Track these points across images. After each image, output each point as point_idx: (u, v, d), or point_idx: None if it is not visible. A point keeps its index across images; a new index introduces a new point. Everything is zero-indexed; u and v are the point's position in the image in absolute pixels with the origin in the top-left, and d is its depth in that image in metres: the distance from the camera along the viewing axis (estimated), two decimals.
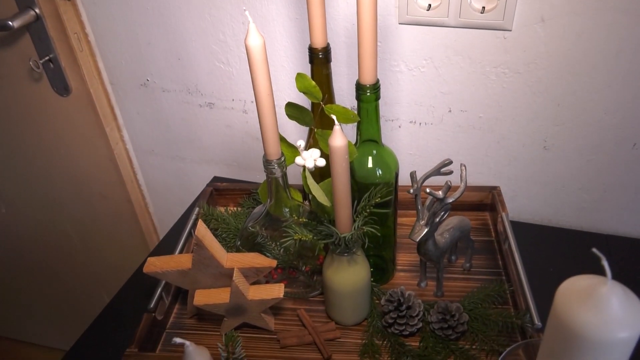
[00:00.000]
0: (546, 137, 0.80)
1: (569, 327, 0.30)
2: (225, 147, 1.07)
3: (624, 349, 0.30)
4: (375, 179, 0.67)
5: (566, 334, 0.31)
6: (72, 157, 1.11)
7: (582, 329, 0.29)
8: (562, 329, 0.31)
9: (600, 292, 0.30)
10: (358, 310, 0.71)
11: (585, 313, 0.29)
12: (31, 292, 1.56)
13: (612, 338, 0.29)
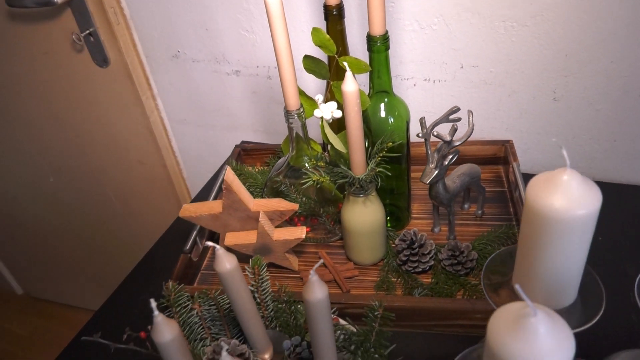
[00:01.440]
0: (555, 89, 0.83)
1: (539, 213, 0.34)
2: (251, 113, 1.14)
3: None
4: (387, 126, 0.73)
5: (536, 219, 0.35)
6: (112, 126, 1.19)
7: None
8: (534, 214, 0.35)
9: None
10: (374, 251, 0.77)
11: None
12: (75, 257, 1.68)
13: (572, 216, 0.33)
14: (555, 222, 0.34)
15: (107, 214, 1.43)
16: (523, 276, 0.39)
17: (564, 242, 0.35)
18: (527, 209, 0.36)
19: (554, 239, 0.35)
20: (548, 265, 0.36)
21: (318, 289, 0.42)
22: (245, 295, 0.49)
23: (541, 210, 0.34)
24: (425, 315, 0.67)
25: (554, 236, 0.35)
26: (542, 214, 0.35)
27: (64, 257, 1.71)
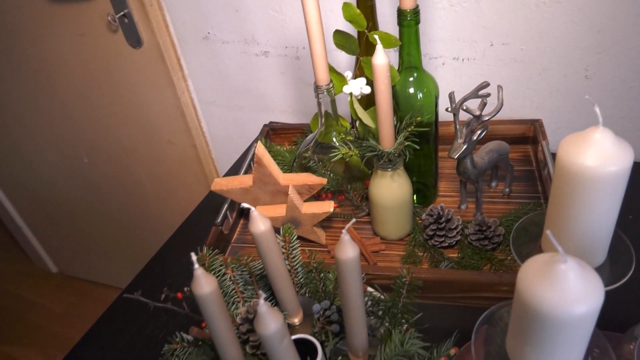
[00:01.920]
0: (587, 66, 0.83)
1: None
2: (279, 94, 1.15)
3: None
4: (416, 102, 0.73)
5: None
6: (144, 107, 1.23)
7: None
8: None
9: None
10: (401, 226, 0.78)
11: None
12: (106, 237, 1.74)
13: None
14: (587, 180, 0.35)
15: (138, 194, 1.48)
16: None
17: (595, 199, 0.35)
18: (559, 167, 0.37)
19: (585, 196, 0.36)
20: (578, 224, 0.37)
21: (350, 247, 0.43)
22: (277, 257, 0.51)
23: (573, 168, 0.35)
24: (452, 287, 0.67)
25: (586, 194, 0.35)
26: (574, 172, 0.35)
27: (97, 236, 1.77)
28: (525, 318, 0.31)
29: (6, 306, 2.04)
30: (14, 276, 2.18)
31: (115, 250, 1.77)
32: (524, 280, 0.30)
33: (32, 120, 1.42)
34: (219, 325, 0.44)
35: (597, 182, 0.35)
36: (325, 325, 0.57)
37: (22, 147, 1.54)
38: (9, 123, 1.48)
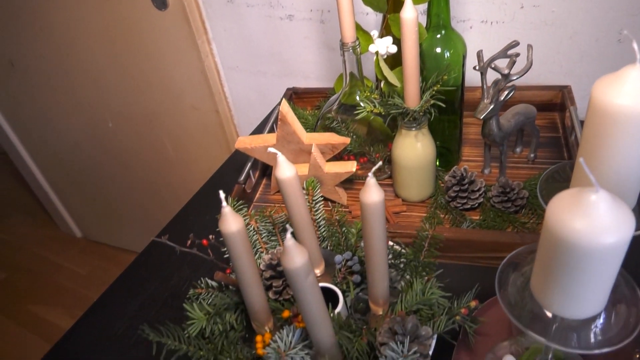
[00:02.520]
0: (621, 30, 0.80)
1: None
2: (303, 58, 1.15)
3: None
4: (443, 61, 0.72)
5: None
6: (168, 70, 1.24)
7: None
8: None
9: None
10: (423, 187, 0.78)
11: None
12: (129, 202, 1.77)
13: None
14: (621, 119, 0.34)
15: (161, 159, 1.50)
16: (582, 182, 0.39)
17: (629, 140, 0.35)
18: (593, 107, 0.36)
19: (618, 137, 0.35)
20: (610, 166, 0.37)
21: (375, 191, 0.44)
22: (302, 204, 0.52)
23: (607, 106, 0.34)
24: (473, 247, 0.68)
25: (619, 134, 0.35)
26: (608, 111, 0.35)
27: (120, 201, 1.80)
28: (554, 252, 0.31)
29: (33, 268, 2.11)
30: (40, 240, 2.24)
31: (138, 216, 1.80)
32: (553, 212, 0.30)
33: (58, 84, 1.45)
34: (244, 263, 0.45)
35: (630, 122, 0.34)
36: (346, 275, 0.58)
37: (49, 111, 1.57)
38: (35, 87, 1.51)
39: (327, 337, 0.45)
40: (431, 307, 0.51)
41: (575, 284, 0.31)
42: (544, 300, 0.34)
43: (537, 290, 0.35)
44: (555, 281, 0.32)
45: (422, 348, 0.47)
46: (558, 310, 0.34)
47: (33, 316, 1.89)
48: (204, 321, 0.51)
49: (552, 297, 0.34)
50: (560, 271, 0.31)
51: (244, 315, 0.55)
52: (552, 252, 0.31)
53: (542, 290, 0.34)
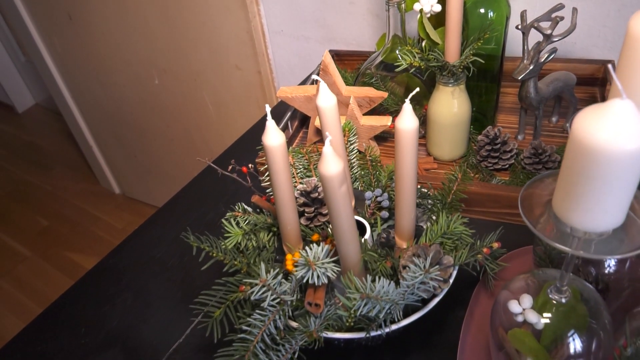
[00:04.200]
0: None
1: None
2: (347, 24, 1.17)
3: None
4: (486, 20, 0.74)
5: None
6: (216, 29, 1.28)
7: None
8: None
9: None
10: (455, 146, 0.79)
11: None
12: (168, 161, 1.84)
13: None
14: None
15: (202, 117, 1.55)
16: None
17: None
18: (628, 40, 0.38)
19: None
20: None
21: (411, 117, 0.46)
22: (339, 134, 0.55)
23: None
24: (500, 202, 0.69)
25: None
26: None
27: (159, 159, 1.88)
28: (578, 163, 0.32)
29: (73, 218, 2.22)
30: (80, 193, 2.35)
31: (175, 174, 1.87)
32: (579, 123, 0.32)
33: (110, 39, 1.51)
34: (281, 179, 0.49)
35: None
36: (375, 211, 0.61)
37: (100, 66, 1.64)
38: (89, 42, 1.58)
39: (353, 252, 0.48)
40: (454, 242, 0.54)
41: (598, 194, 0.33)
42: (566, 216, 0.36)
43: (560, 207, 0.37)
44: (578, 195, 0.34)
45: (443, 273, 0.49)
46: (581, 224, 0.35)
47: (70, 262, 2.00)
48: (239, 236, 0.55)
49: (574, 211, 0.35)
50: (584, 183, 0.33)
51: (277, 238, 0.59)
52: (577, 164, 0.33)
53: (564, 206, 0.36)
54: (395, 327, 0.49)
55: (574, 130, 0.33)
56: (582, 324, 0.47)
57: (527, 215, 0.39)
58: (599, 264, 0.53)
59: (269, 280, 0.47)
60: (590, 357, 0.47)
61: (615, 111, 0.31)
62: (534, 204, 0.41)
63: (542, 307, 0.47)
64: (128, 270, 0.74)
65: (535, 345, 0.49)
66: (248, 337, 0.46)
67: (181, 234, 0.54)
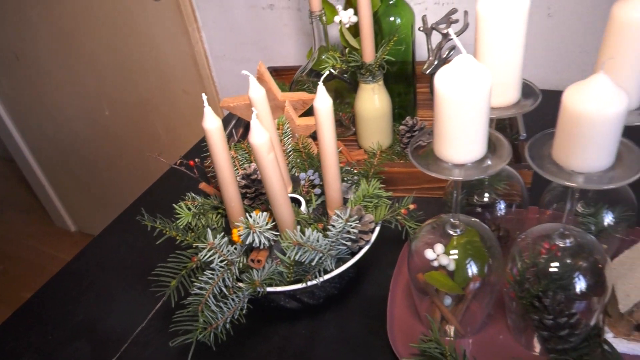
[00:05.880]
0: (549, 5, 0.94)
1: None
2: (283, 44, 1.28)
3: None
4: (395, 26, 0.86)
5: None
6: (162, 56, 1.36)
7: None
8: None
9: None
10: (381, 136, 0.90)
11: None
12: (124, 190, 1.88)
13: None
14: None
15: (154, 145, 1.61)
16: None
17: None
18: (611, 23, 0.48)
19: None
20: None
21: (324, 96, 0.56)
22: (269, 119, 0.64)
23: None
24: (419, 179, 0.80)
25: None
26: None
27: (114, 191, 1.91)
28: (571, 126, 0.41)
29: (29, 259, 2.19)
30: (35, 234, 2.33)
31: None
32: (570, 96, 0.41)
33: (58, 75, 1.57)
34: (222, 158, 0.57)
35: None
36: (309, 190, 0.69)
37: (49, 102, 1.69)
38: (37, 79, 1.63)
39: (287, 213, 0.56)
40: (375, 204, 0.63)
41: (591, 147, 0.42)
42: (568, 163, 0.44)
43: (560, 157, 0.45)
44: (575, 147, 0.42)
45: (364, 227, 0.58)
46: (579, 168, 0.43)
47: None
48: (189, 216, 0.63)
49: (574, 159, 0.43)
50: (579, 140, 0.42)
51: (225, 220, 0.67)
52: (570, 126, 0.42)
53: (564, 155, 0.44)
54: (328, 276, 0.57)
55: (565, 102, 0.42)
56: (478, 254, 0.57)
57: (536, 164, 0.46)
58: (493, 209, 0.63)
59: (216, 243, 0.54)
60: (486, 279, 0.56)
61: (596, 85, 0.40)
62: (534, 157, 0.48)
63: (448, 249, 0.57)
64: (91, 272, 0.79)
65: (450, 282, 0.59)
66: (201, 292, 0.53)
67: (140, 236, 0.61)
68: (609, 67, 0.49)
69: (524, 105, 0.54)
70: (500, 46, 0.50)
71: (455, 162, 0.47)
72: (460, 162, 0.47)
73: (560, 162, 0.44)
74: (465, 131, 0.44)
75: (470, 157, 0.46)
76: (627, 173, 0.42)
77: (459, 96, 0.42)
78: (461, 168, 0.47)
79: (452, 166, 0.47)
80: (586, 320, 0.54)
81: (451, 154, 0.46)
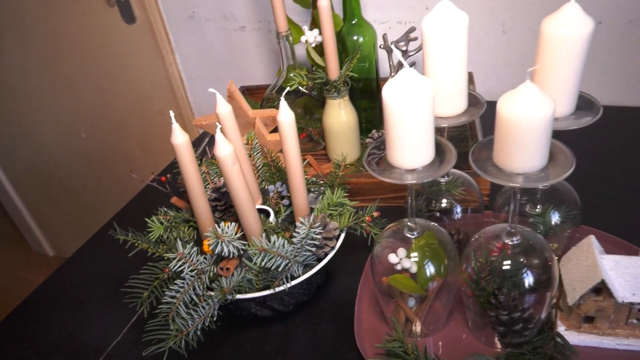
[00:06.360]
0: (504, 22, 1.00)
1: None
2: (255, 64, 1.32)
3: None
4: (358, 44, 0.90)
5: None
6: (137, 79, 1.39)
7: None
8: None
9: None
10: (349, 149, 0.93)
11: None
12: (102, 214, 1.87)
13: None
14: None
15: (131, 167, 1.63)
16: None
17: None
18: (544, 38, 0.52)
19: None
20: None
21: (287, 110, 0.59)
22: (236, 134, 0.67)
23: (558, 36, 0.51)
24: (384, 189, 0.83)
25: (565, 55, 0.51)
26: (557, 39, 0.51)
27: (92, 215, 1.90)
28: (506, 131, 0.45)
29: (5, 286, 2.16)
30: (12, 260, 2.30)
31: None
32: (502, 103, 0.45)
33: (34, 97, 1.58)
34: (191, 171, 0.60)
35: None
36: (278, 201, 0.72)
37: (24, 124, 1.69)
38: (12, 102, 1.64)
39: (253, 221, 0.59)
40: (340, 212, 0.66)
41: (526, 148, 0.45)
42: (506, 165, 0.47)
43: (499, 159, 0.48)
44: (511, 150, 0.46)
45: (328, 233, 0.61)
46: (517, 169, 0.47)
47: None
48: (161, 229, 0.65)
49: (511, 161, 0.47)
50: (515, 144, 0.45)
51: (196, 232, 0.69)
52: (505, 131, 0.45)
53: (503, 158, 0.48)
54: (296, 281, 0.59)
55: (499, 109, 0.46)
56: (437, 256, 0.60)
57: (479, 167, 0.50)
58: (451, 214, 0.67)
59: (185, 253, 0.57)
60: (445, 280, 0.60)
61: (525, 93, 0.44)
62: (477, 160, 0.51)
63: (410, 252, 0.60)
64: (66, 290, 0.80)
65: (412, 284, 0.62)
66: (172, 300, 0.55)
67: (115, 252, 0.62)
68: (543, 78, 0.53)
69: (473, 114, 0.58)
70: (444, 60, 0.54)
71: (407, 168, 0.50)
72: (412, 167, 0.50)
73: (501, 164, 0.48)
74: (413, 138, 0.47)
75: (420, 162, 0.50)
76: (560, 171, 0.46)
77: (404, 106, 0.45)
78: (413, 173, 0.51)
79: (404, 172, 0.51)
80: (538, 314, 0.57)
81: (402, 160, 0.50)
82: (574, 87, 0.53)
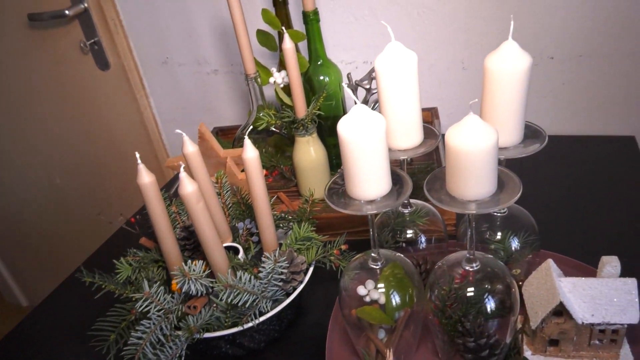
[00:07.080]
0: (463, 59, 1.05)
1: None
2: (228, 106, 1.35)
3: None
4: (323, 84, 0.94)
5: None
6: (112, 123, 1.40)
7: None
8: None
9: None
10: (319, 185, 0.95)
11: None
12: (78, 260, 1.84)
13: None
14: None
15: (108, 210, 1.62)
16: None
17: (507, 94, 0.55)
18: (490, 74, 0.55)
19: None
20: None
21: (251, 148, 0.61)
22: (203, 173, 0.68)
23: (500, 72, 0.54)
24: (354, 222, 0.85)
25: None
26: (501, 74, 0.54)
27: (67, 263, 1.87)
28: (455, 160, 0.47)
29: None
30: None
31: None
32: (450, 136, 0.48)
33: (7, 143, 1.58)
34: (158, 211, 0.60)
35: None
36: (247, 237, 0.73)
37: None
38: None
39: (220, 258, 0.59)
40: (308, 246, 0.67)
41: (474, 176, 0.47)
42: (459, 193, 0.49)
43: (452, 188, 0.50)
44: (461, 178, 0.48)
45: (295, 267, 0.62)
46: (469, 196, 0.49)
47: None
48: (129, 270, 0.65)
49: (462, 189, 0.49)
50: (463, 172, 0.47)
51: (165, 272, 0.69)
52: (454, 160, 0.48)
53: (455, 187, 0.50)
54: (264, 317, 0.60)
55: (448, 141, 0.48)
56: (403, 285, 0.61)
57: (433, 197, 0.52)
58: (416, 244, 0.68)
59: (152, 292, 0.57)
60: (413, 309, 0.60)
61: (469, 124, 0.47)
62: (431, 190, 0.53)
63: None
64: (34, 339, 0.79)
65: (381, 315, 0.62)
66: (138, 341, 0.55)
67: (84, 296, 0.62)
68: (491, 110, 0.57)
69: (430, 145, 0.60)
70: (397, 96, 0.57)
71: (366, 199, 0.52)
72: (370, 198, 0.52)
73: (454, 193, 0.50)
74: (369, 169, 0.49)
75: (378, 193, 0.51)
76: (510, 195, 0.49)
77: (358, 140, 0.47)
78: (372, 203, 0.52)
79: (364, 203, 0.53)
80: (503, 339, 0.58)
81: (360, 191, 0.51)
82: (519, 117, 0.56)
